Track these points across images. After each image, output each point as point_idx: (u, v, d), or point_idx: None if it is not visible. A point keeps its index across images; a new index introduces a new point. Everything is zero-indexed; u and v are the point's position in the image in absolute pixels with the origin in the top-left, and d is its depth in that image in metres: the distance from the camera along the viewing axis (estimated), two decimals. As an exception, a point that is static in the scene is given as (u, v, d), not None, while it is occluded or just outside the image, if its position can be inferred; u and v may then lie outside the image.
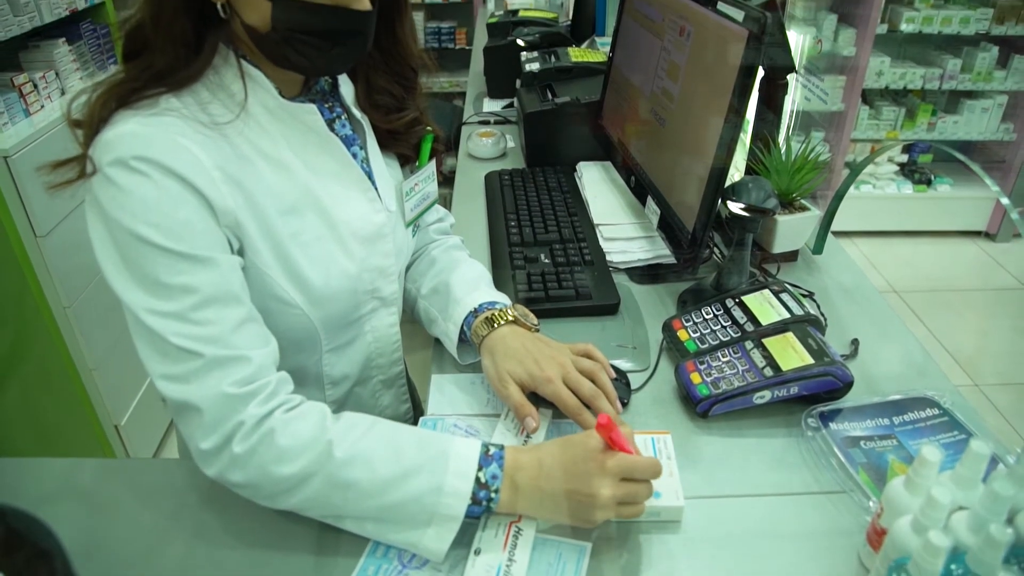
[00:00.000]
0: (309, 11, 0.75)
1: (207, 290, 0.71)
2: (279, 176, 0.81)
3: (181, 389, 0.70)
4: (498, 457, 0.73)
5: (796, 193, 1.20)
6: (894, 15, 3.29)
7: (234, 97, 0.78)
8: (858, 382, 0.92)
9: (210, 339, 0.70)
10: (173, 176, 0.71)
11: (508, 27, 2.13)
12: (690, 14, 1.12)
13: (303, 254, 0.83)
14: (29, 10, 2.06)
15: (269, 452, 0.70)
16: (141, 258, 0.70)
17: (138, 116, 0.72)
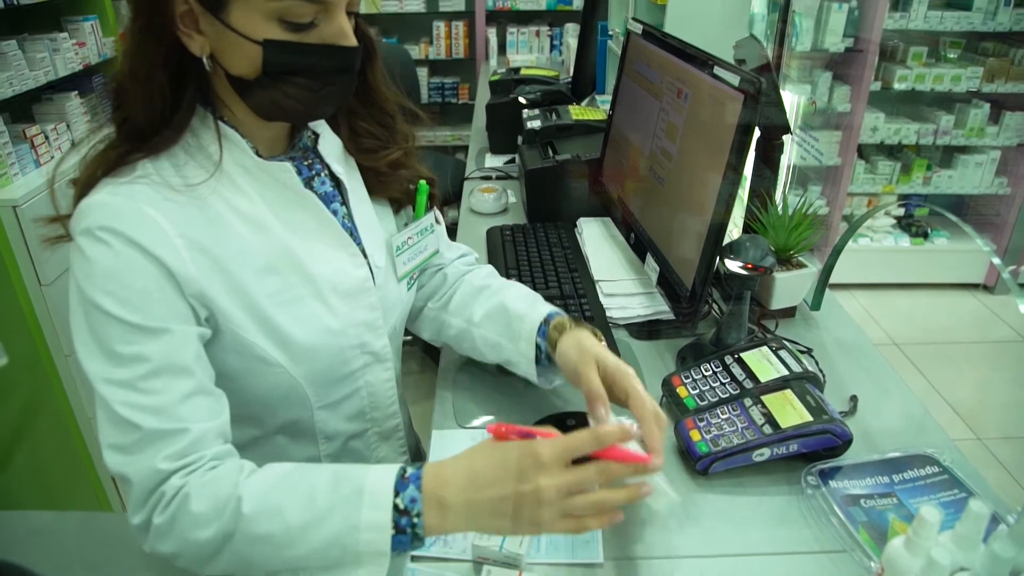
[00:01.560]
0: (300, 51, 0.76)
1: (157, 360, 0.72)
2: (255, 235, 0.81)
3: (120, 460, 0.71)
4: (415, 478, 0.68)
5: (793, 250, 1.22)
6: (887, 73, 3.37)
7: (211, 158, 0.80)
8: (857, 439, 0.92)
9: (154, 410, 0.71)
10: (134, 246, 0.72)
11: (510, 85, 2.18)
12: (687, 77, 1.16)
13: (282, 312, 0.82)
14: (44, 65, 2.11)
15: (185, 519, 0.69)
16: (99, 325, 0.72)
17: (110, 185, 0.75)
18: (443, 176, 2.84)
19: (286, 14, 0.73)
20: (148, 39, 0.74)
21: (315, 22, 0.75)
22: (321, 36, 0.76)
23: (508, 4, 3.43)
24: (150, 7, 0.72)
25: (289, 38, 0.75)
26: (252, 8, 0.72)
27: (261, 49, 0.74)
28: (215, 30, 0.74)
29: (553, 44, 3.52)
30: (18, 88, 2.00)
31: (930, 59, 3.41)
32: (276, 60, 0.75)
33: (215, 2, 0.72)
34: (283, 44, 0.75)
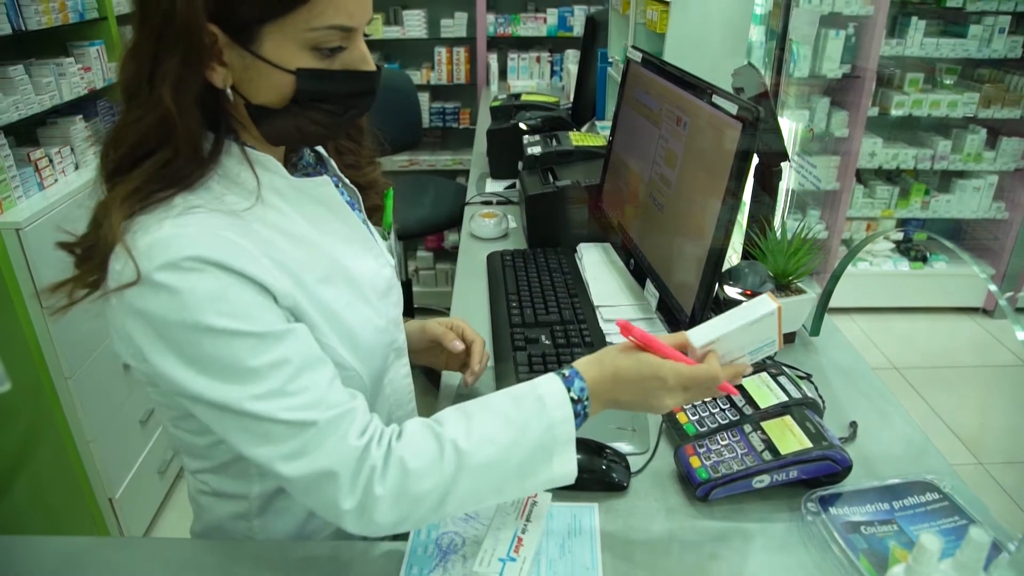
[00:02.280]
0: (330, 78, 0.77)
1: (296, 360, 0.73)
2: (304, 251, 0.82)
3: (307, 463, 0.71)
4: (575, 374, 0.80)
5: (792, 276, 1.23)
6: (884, 99, 3.40)
7: (243, 185, 0.78)
8: (857, 465, 0.93)
9: (314, 404, 0.72)
10: (227, 270, 0.70)
11: (511, 111, 2.20)
12: (686, 105, 1.17)
13: (347, 317, 0.84)
14: (50, 89, 2.13)
15: (407, 480, 0.73)
16: (220, 349, 0.70)
17: (167, 219, 0.71)
18: (444, 200, 2.86)
19: (319, 42, 0.74)
20: (187, 72, 0.71)
21: (338, 50, 0.76)
22: (344, 62, 0.77)
23: (509, 31, 3.47)
24: (185, 41, 0.70)
25: (321, 65, 0.75)
26: (285, 37, 0.72)
27: (294, 78, 0.75)
28: (243, 62, 0.74)
29: (554, 70, 3.55)
30: (24, 112, 2.02)
31: (927, 85, 3.45)
32: (308, 88, 0.76)
33: (246, 33, 0.72)
34: (315, 72, 0.75)
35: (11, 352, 1.83)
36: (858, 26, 3.21)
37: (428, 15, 3.44)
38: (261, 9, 0.70)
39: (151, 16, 0.69)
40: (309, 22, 0.72)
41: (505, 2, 3.53)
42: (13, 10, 1.98)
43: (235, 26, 0.71)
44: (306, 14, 0.71)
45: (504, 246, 1.66)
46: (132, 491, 2.19)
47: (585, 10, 3.41)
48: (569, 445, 0.78)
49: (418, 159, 3.64)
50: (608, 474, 0.93)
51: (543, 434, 0.77)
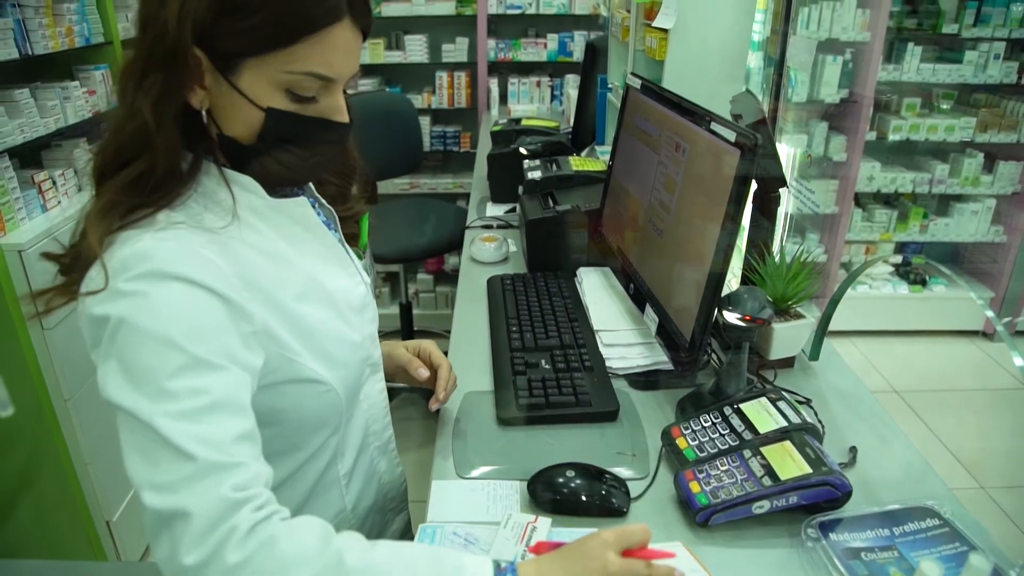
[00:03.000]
0: (299, 122, 0.79)
1: (216, 395, 0.70)
2: (281, 269, 0.84)
3: (170, 497, 0.65)
4: (511, 570, 0.73)
5: (791, 301, 1.23)
6: (882, 123, 3.42)
7: (221, 204, 0.80)
8: (857, 490, 0.93)
9: (207, 442, 0.67)
10: (199, 286, 0.72)
11: (511, 135, 2.22)
12: (685, 132, 1.18)
13: (321, 334, 0.86)
14: (55, 112, 2.15)
15: (271, 561, 0.65)
16: (154, 359, 0.69)
17: (148, 233, 0.73)
18: (444, 224, 2.87)
19: (295, 86, 0.76)
20: (169, 90, 0.74)
21: (316, 97, 0.79)
22: (319, 110, 0.80)
23: (510, 55, 3.50)
24: (171, 60, 0.73)
25: (292, 108, 0.78)
26: (263, 75, 0.75)
27: (263, 115, 0.77)
28: (220, 89, 0.77)
29: (554, 95, 3.58)
30: (28, 135, 2.03)
31: (924, 110, 3.47)
32: (276, 128, 0.78)
33: (227, 63, 0.75)
34: (285, 114, 0.78)
35: (12, 373, 1.83)
36: (855, 52, 3.24)
37: (429, 40, 3.48)
38: (244, 44, 0.74)
39: (147, 32, 0.73)
40: (288, 65, 0.75)
41: (506, 28, 3.56)
42: (20, 35, 2.00)
43: (218, 54, 0.74)
44: (285, 56, 0.74)
45: (504, 270, 1.66)
46: (129, 514, 2.18)
47: (585, 36, 3.45)
48: None
49: (419, 182, 3.66)
50: (608, 499, 0.93)
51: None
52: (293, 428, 0.88)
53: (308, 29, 0.74)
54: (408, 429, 1.05)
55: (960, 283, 1.08)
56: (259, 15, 0.72)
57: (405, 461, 1.13)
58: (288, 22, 0.73)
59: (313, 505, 0.95)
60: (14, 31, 1.97)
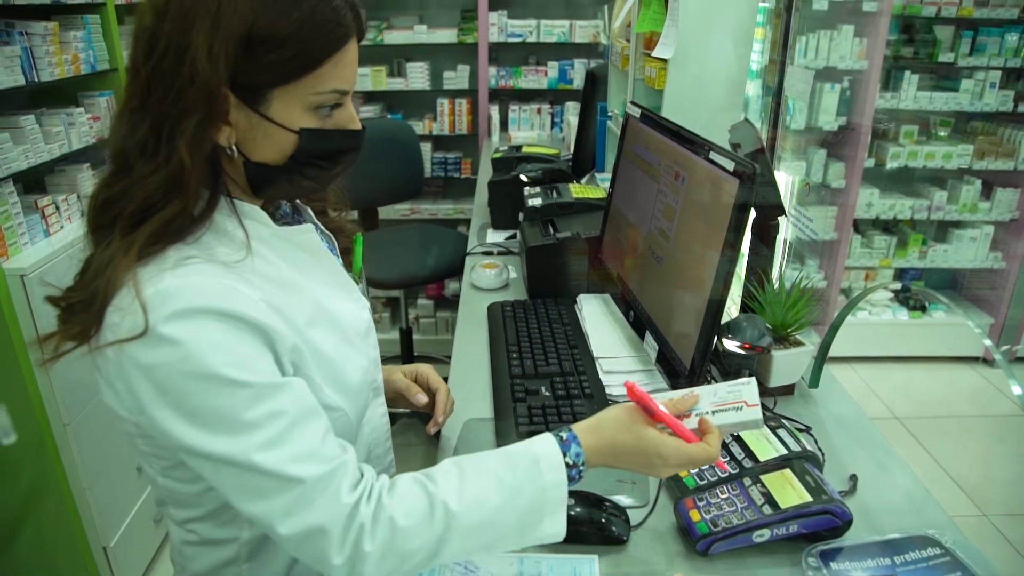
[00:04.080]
0: (327, 137, 0.82)
1: (292, 411, 0.74)
2: (292, 296, 0.84)
3: (300, 519, 0.72)
4: (572, 439, 0.83)
5: (791, 328, 1.24)
6: (880, 150, 3.45)
7: (233, 237, 0.80)
8: (858, 518, 0.93)
9: (307, 457, 0.73)
10: (230, 318, 0.73)
11: (512, 162, 2.23)
12: (684, 160, 1.20)
13: (334, 359, 0.87)
14: (59, 138, 2.17)
15: (396, 537, 0.74)
16: (219, 400, 0.71)
17: (166, 271, 0.73)
18: (445, 249, 2.88)
19: (322, 105, 0.79)
20: (205, 132, 0.74)
21: (332, 111, 0.82)
22: (336, 122, 0.83)
23: (510, 83, 3.54)
24: (207, 104, 0.73)
25: (320, 125, 0.81)
26: (293, 100, 0.77)
27: (296, 137, 0.79)
28: (249, 122, 0.78)
29: (554, 121, 3.61)
30: (33, 161, 2.05)
31: (921, 137, 3.50)
32: (309, 146, 0.81)
33: (255, 97, 0.76)
34: (315, 132, 0.80)
35: (13, 398, 1.83)
36: (853, 80, 3.28)
37: (431, 67, 3.51)
38: (275, 76, 0.75)
39: (169, 77, 0.72)
40: (315, 87, 0.77)
41: (507, 55, 3.60)
42: (27, 62, 2.03)
43: (246, 89, 0.76)
44: (314, 80, 0.77)
45: (505, 297, 1.67)
46: (127, 540, 2.17)
47: (585, 64, 3.49)
48: (560, 506, 0.81)
49: (420, 208, 3.68)
50: (608, 527, 0.93)
51: (535, 497, 0.79)
52: None
53: (331, 51, 0.77)
54: (408, 455, 1.06)
55: (958, 312, 1.08)
56: (288, 46, 0.74)
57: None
58: (315, 48, 0.76)
59: None
60: (21, 58, 1.99)
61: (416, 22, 3.46)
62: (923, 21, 3.41)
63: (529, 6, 3.55)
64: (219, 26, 0.71)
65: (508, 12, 3.44)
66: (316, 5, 0.75)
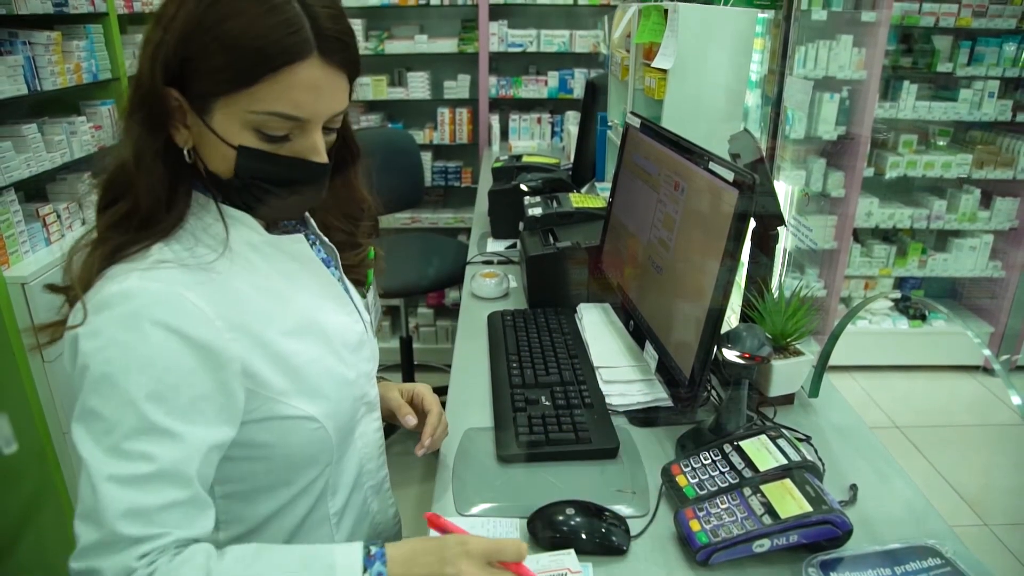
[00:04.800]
0: (270, 161, 0.80)
1: (162, 463, 0.72)
2: (275, 304, 0.85)
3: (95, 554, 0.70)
4: (380, 555, 0.75)
5: (791, 338, 1.24)
6: (879, 159, 3.46)
7: (216, 238, 0.82)
8: (858, 528, 0.92)
9: (139, 514, 0.71)
10: (176, 334, 0.74)
11: (512, 172, 2.24)
12: (684, 171, 1.20)
13: (311, 370, 0.87)
14: (61, 147, 2.18)
15: None
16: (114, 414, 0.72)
17: (136, 272, 0.75)
18: (445, 258, 2.88)
19: (262, 126, 0.78)
20: (148, 130, 0.78)
21: (290, 136, 0.80)
22: (294, 149, 0.81)
23: (511, 92, 3.55)
24: (150, 101, 0.77)
25: (263, 147, 0.79)
26: (232, 114, 0.77)
27: (235, 153, 0.79)
28: (198, 128, 0.79)
29: (554, 131, 3.62)
30: (35, 169, 2.06)
31: (920, 147, 3.52)
32: (247, 166, 0.80)
33: (201, 103, 0.77)
34: (255, 152, 0.79)
35: (13, 405, 1.83)
36: (852, 90, 3.29)
37: (432, 77, 3.53)
38: (209, 85, 0.76)
39: (132, 79, 0.79)
40: (252, 105, 0.76)
41: (507, 65, 3.61)
42: (30, 72, 2.04)
43: (193, 95, 0.77)
44: (248, 97, 0.76)
45: (505, 306, 1.67)
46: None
47: (585, 74, 3.50)
48: None
49: (420, 217, 3.68)
50: (608, 537, 0.93)
51: None
52: (281, 463, 0.88)
53: (266, 69, 0.74)
54: (408, 464, 1.05)
55: (958, 322, 1.09)
56: (218, 57, 0.74)
57: (405, 497, 1.13)
58: (245, 63, 0.74)
59: (301, 542, 0.94)
60: (24, 68, 2.00)
61: (417, 32, 3.47)
62: (921, 31, 3.43)
63: (529, 16, 3.56)
64: (167, 28, 0.75)
65: (508, 22, 3.46)
66: (259, 15, 0.73)
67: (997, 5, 3.30)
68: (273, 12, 0.74)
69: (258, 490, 0.88)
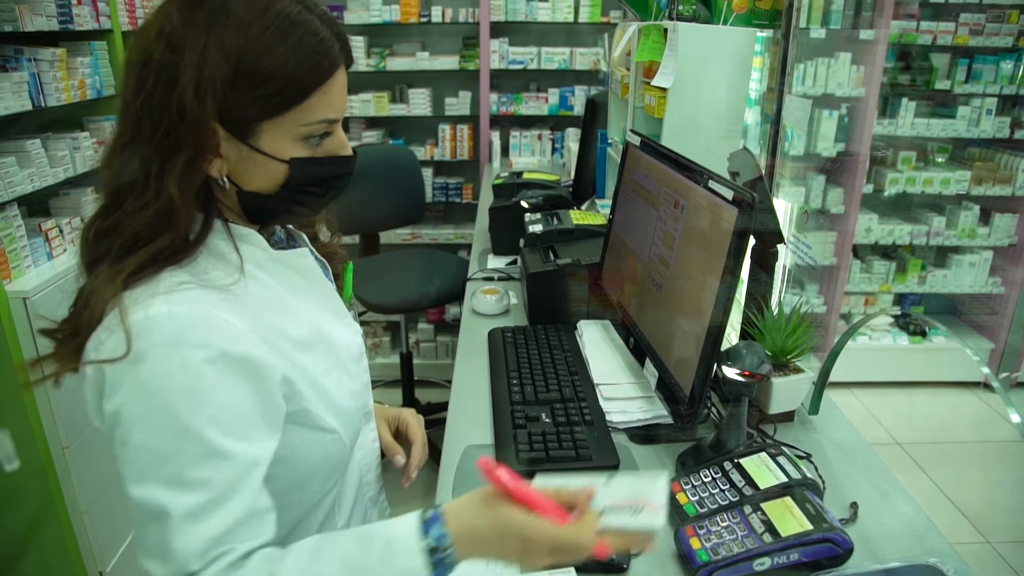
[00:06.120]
0: (318, 165, 0.84)
1: (221, 487, 0.72)
2: (286, 319, 0.85)
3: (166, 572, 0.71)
4: (436, 518, 0.74)
5: (791, 355, 1.24)
6: (879, 176, 3.48)
7: (228, 260, 0.81)
8: (859, 546, 0.92)
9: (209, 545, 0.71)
10: (217, 353, 0.73)
11: (513, 188, 2.25)
12: (683, 189, 1.21)
13: (328, 382, 0.88)
14: (64, 162, 2.19)
15: None
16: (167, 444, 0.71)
17: (157, 296, 0.73)
18: (446, 274, 2.88)
19: (311, 135, 0.81)
20: (192, 169, 0.76)
21: (322, 138, 0.83)
22: (327, 149, 0.84)
23: (511, 109, 3.57)
24: (195, 140, 0.75)
25: (310, 154, 0.82)
26: (282, 132, 0.79)
27: (287, 167, 0.81)
28: (240, 154, 0.79)
29: (555, 147, 3.64)
30: (38, 184, 2.07)
31: (919, 163, 3.53)
32: (300, 175, 0.82)
33: (244, 130, 0.78)
34: (306, 161, 0.82)
35: (14, 421, 1.83)
36: (851, 107, 3.31)
37: (433, 94, 3.55)
38: (262, 110, 0.77)
39: (158, 114, 0.74)
40: (304, 118, 0.79)
41: (508, 82, 3.64)
42: (35, 88, 2.05)
43: (235, 123, 0.77)
44: (301, 112, 0.78)
45: (505, 322, 1.67)
46: (123, 565, 2.15)
47: (585, 91, 3.52)
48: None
49: (421, 233, 3.69)
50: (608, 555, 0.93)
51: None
52: (301, 478, 0.88)
53: (318, 83, 0.78)
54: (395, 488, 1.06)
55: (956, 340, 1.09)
56: (274, 81, 0.75)
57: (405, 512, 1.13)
58: (301, 82, 0.77)
59: None
60: (29, 84, 2.02)
61: (418, 49, 3.49)
62: (919, 49, 3.45)
63: (530, 34, 3.59)
64: (206, 63, 0.73)
65: (509, 39, 3.48)
66: (302, 39, 0.76)
67: (994, 23, 3.33)
68: (308, 32, 0.77)
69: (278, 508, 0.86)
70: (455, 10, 3.36)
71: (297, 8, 0.77)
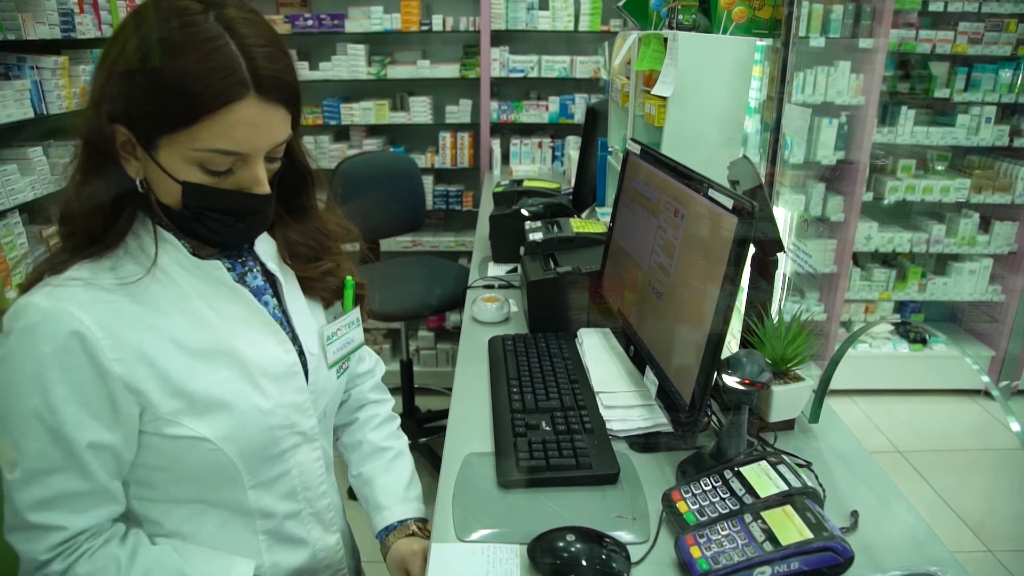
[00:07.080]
0: (214, 194, 0.85)
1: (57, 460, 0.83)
2: (192, 326, 0.89)
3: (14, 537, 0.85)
4: None
5: (791, 363, 1.24)
6: (878, 184, 3.49)
7: (148, 255, 0.87)
8: (859, 555, 0.92)
9: (41, 504, 0.83)
10: (62, 349, 0.80)
11: (513, 196, 2.25)
12: (683, 197, 1.21)
13: (212, 393, 0.89)
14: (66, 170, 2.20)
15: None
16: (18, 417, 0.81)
17: (48, 287, 0.82)
18: (446, 281, 2.88)
19: (204, 162, 0.82)
20: (93, 164, 0.83)
21: (232, 169, 0.84)
22: (237, 182, 0.86)
23: (512, 117, 3.58)
24: (95, 137, 0.82)
25: (206, 181, 0.84)
26: (175, 151, 0.81)
27: (180, 188, 0.83)
28: (147, 162, 0.83)
29: (555, 155, 3.65)
30: (39, 192, 2.08)
31: (919, 171, 3.54)
32: (193, 199, 0.85)
33: (147, 139, 0.81)
34: (199, 187, 0.84)
35: None
36: (850, 115, 3.32)
37: (434, 102, 3.56)
38: (152, 124, 0.80)
39: None
40: (193, 143, 0.80)
41: (508, 90, 3.65)
42: (37, 95, 2.06)
43: (139, 130, 0.81)
44: (188, 137, 0.80)
45: (506, 330, 1.67)
46: None
47: (586, 99, 3.53)
48: None
49: (421, 240, 3.70)
50: (608, 564, 0.93)
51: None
52: (181, 479, 0.93)
53: (204, 111, 0.79)
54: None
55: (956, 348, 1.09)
56: (157, 100, 0.78)
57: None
58: (184, 106, 0.78)
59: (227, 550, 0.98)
60: (31, 92, 2.03)
61: (419, 57, 3.51)
62: (918, 57, 3.46)
63: (531, 42, 3.60)
64: (114, 67, 0.80)
65: (510, 48, 3.50)
66: (201, 60, 0.77)
67: (992, 32, 3.34)
68: (210, 56, 0.78)
69: (168, 499, 0.94)
70: (456, 18, 3.37)
71: (216, 31, 0.79)
